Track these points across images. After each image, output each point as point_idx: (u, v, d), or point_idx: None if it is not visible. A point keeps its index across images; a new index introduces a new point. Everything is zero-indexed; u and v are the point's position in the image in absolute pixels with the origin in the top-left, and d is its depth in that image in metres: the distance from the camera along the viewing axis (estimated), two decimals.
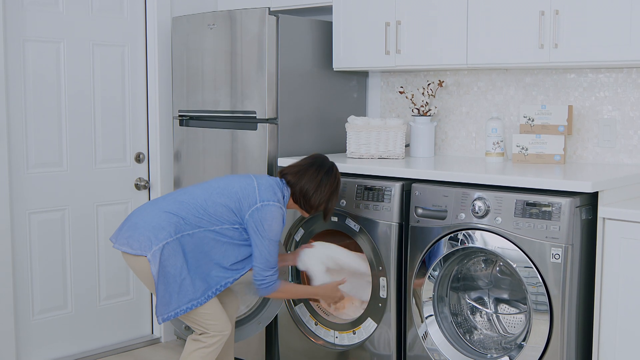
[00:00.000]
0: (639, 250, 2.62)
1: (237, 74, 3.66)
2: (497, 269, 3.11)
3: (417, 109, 3.68)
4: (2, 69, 3.51)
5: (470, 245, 2.91)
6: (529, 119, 3.35)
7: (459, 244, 2.94)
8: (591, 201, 2.78)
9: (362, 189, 3.23)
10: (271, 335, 3.69)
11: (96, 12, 3.88)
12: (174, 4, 4.10)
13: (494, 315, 3.12)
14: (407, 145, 3.78)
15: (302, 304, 3.49)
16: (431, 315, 3.06)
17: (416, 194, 3.07)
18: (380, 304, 3.19)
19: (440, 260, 3.00)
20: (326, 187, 2.97)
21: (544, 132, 3.30)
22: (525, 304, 2.99)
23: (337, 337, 3.38)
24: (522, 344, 2.83)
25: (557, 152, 3.26)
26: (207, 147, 3.85)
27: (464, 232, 2.92)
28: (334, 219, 3.31)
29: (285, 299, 2.99)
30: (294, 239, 3.45)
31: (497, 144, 3.39)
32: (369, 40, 3.62)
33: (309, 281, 3.22)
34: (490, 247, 2.86)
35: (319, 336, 3.44)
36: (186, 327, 3.27)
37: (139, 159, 4.11)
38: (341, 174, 3.22)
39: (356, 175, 3.33)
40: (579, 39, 2.99)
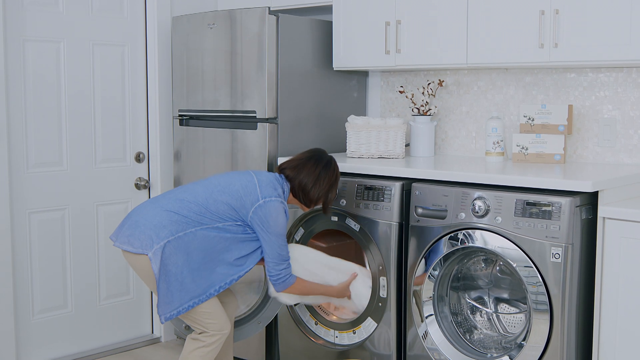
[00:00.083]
0: (639, 249, 2.62)
1: (237, 73, 3.66)
2: (497, 268, 3.11)
3: (417, 109, 3.68)
4: (2, 69, 3.51)
5: (470, 244, 2.91)
6: (529, 119, 3.35)
7: (459, 244, 2.94)
8: (591, 201, 2.78)
9: (362, 189, 3.23)
10: (271, 334, 3.69)
11: (96, 12, 3.88)
12: (174, 3, 4.10)
13: (494, 314, 3.12)
14: (407, 144, 3.78)
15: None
16: (431, 314, 3.06)
17: (416, 193, 3.07)
18: (380, 304, 3.19)
19: (440, 259, 3.00)
20: (325, 180, 2.98)
21: (544, 132, 3.30)
22: (525, 304, 2.99)
23: (337, 337, 3.37)
24: (522, 343, 2.83)
25: (557, 151, 3.26)
26: (207, 146, 3.85)
27: (464, 231, 2.92)
28: (334, 218, 3.31)
29: (301, 294, 2.92)
30: (294, 238, 3.45)
31: (497, 143, 3.39)
32: (369, 39, 3.62)
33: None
34: (490, 247, 2.86)
35: (319, 336, 3.44)
36: (186, 326, 3.27)
37: (139, 158, 4.11)
38: (341, 174, 3.22)
39: (356, 174, 3.33)
40: (579, 39, 2.98)
